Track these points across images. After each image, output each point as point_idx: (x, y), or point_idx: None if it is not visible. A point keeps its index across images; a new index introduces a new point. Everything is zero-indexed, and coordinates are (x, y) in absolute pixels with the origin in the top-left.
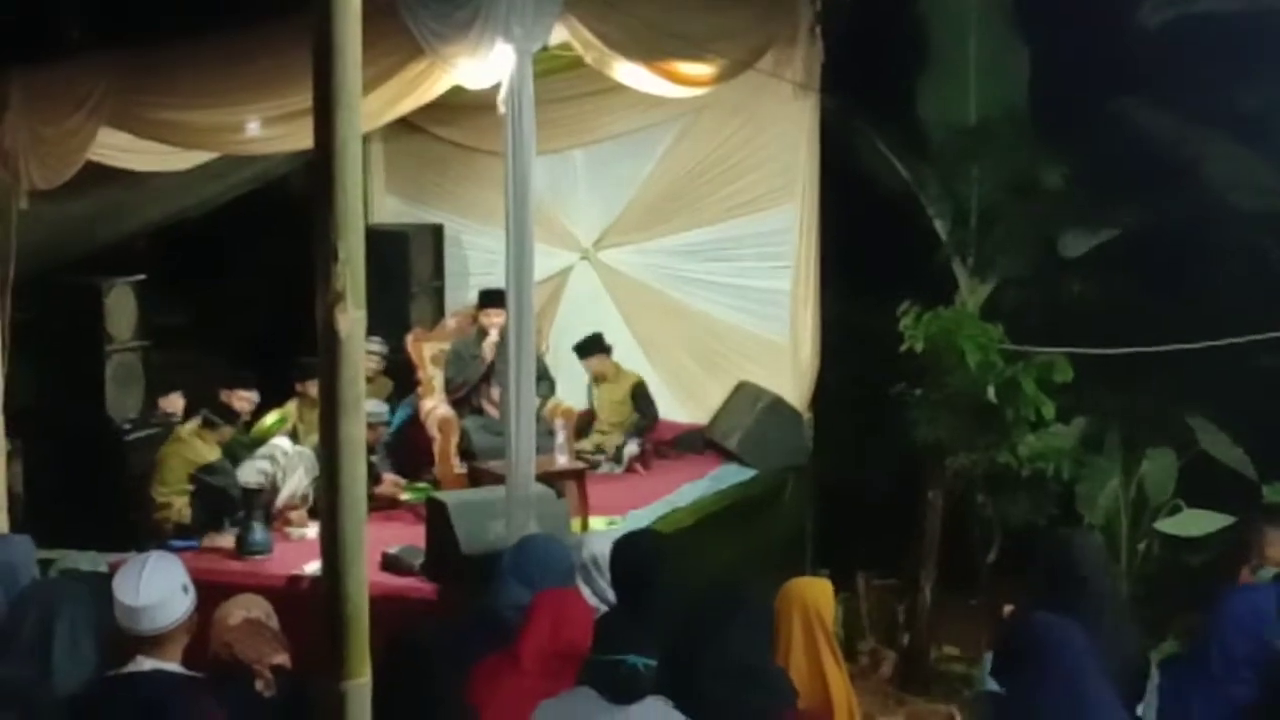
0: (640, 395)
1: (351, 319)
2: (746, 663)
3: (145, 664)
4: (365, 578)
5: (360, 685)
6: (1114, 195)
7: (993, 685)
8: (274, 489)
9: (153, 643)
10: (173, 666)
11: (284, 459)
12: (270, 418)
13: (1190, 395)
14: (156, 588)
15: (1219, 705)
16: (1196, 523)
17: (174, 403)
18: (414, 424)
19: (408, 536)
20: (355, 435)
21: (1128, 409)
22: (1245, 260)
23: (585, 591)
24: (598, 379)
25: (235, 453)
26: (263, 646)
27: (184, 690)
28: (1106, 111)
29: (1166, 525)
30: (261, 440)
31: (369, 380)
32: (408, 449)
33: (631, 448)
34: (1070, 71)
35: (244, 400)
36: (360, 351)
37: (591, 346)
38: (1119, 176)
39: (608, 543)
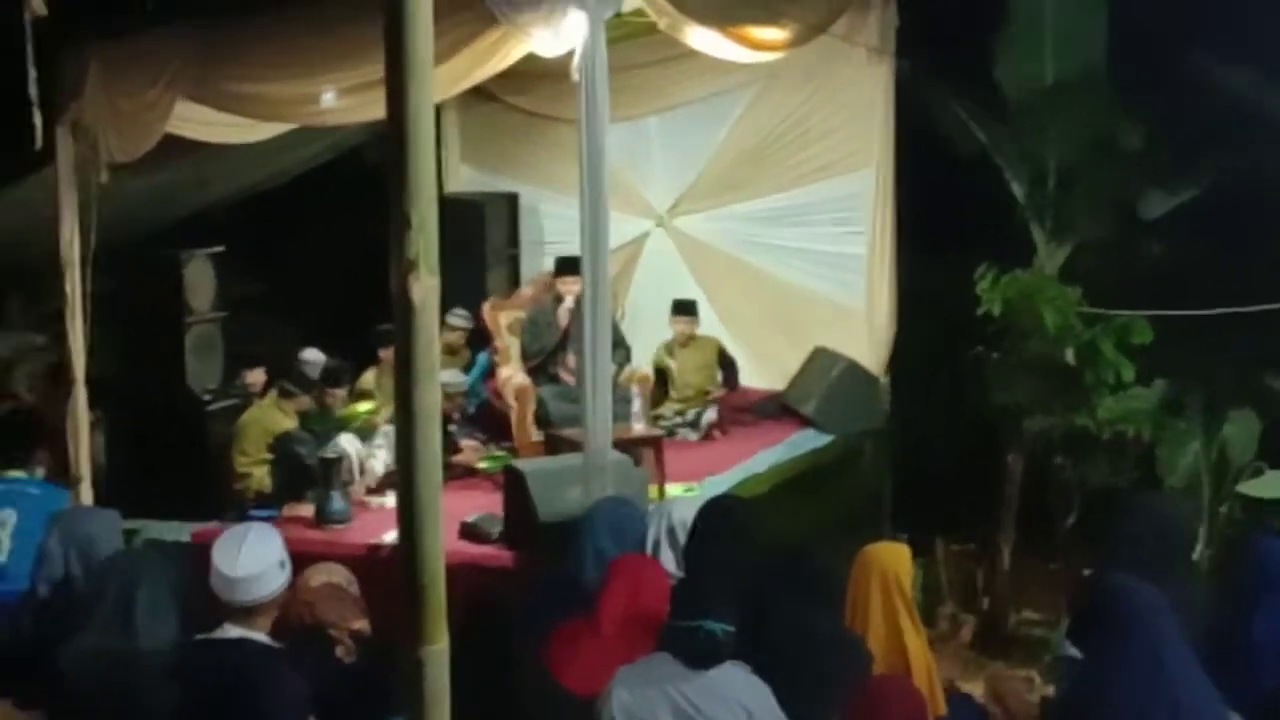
0: (725, 359)
1: (425, 286)
2: (821, 628)
3: (232, 631)
4: (441, 545)
5: (438, 651)
6: (1193, 155)
7: (1071, 649)
8: (358, 471)
9: (245, 612)
10: (260, 636)
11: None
12: (363, 406)
13: (1272, 356)
14: (255, 560)
15: None
16: (1279, 485)
17: (256, 376)
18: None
19: (486, 505)
20: (430, 403)
21: (1208, 371)
22: None
23: (666, 557)
24: (681, 343)
25: (314, 424)
26: (343, 610)
27: (270, 660)
28: (1186, 69)
29: (1249, 488)
30: (350, 419)
31: (453, 352)
32: (485, 417)
33: (710, 414)
34: (1149, 28)
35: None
36: (434, 319)
37: (689, 307)
38: (1199, 136)
39: (687, 509)
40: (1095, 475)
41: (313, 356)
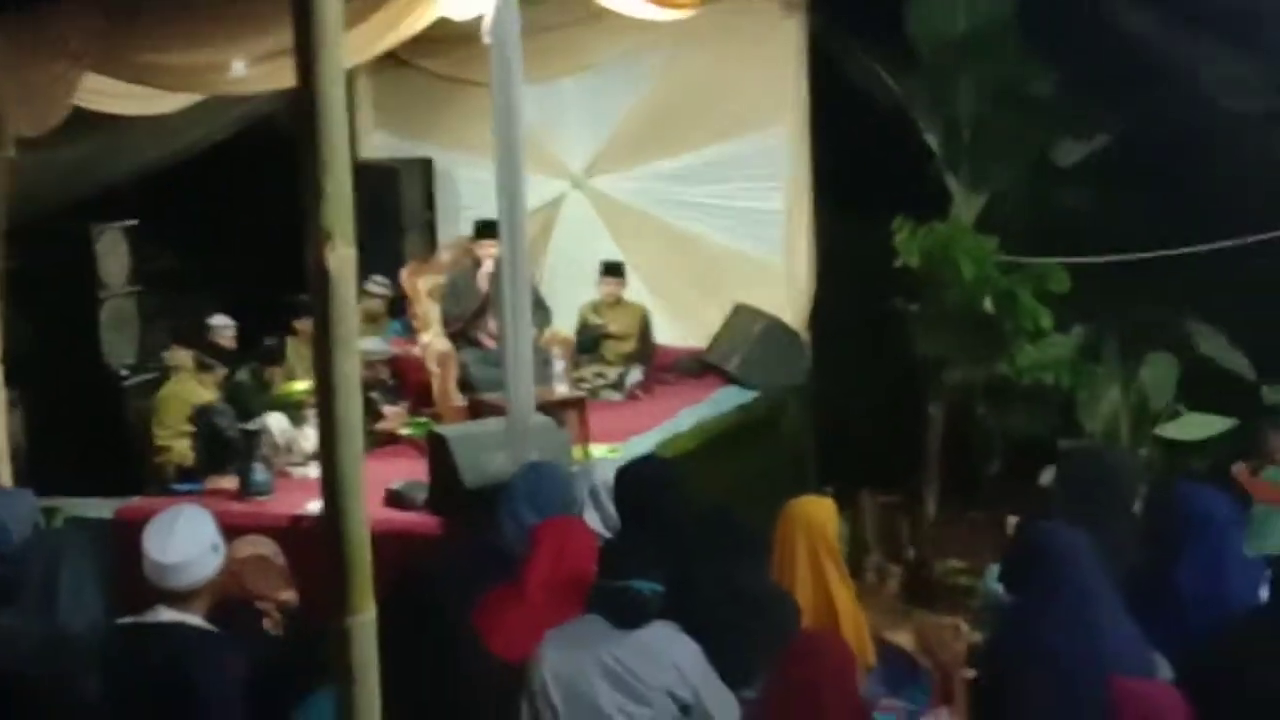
0: (646, 326)
1: (341, 256)
2: (748, 585)
3: (165, 614)
4: (366, 514)
5: (364, 621)
6: (1106, 102)
7: (999, 594)
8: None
9: (179, 597)
10: (195, 620)
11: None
12: (299, 384)
13: (1188, 300)
14: (187, 545)
15: None
16: (1197, 426)
17: (182, 358)
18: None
19: (411, 471)
20: (349, 372)
21: (1125, 316)
22: (1240, 162)
23: (592, 519)
24: (609, 304)
25: (238, 396)
26: (271, 581)
27: (208, 644)
28: (1096, 16)
29: (1168, 430)
30: (284, 399)
31: (373, 319)
32: (407, 383)
33: (635, 375)
34: None
35: (227, 339)
36: (351, 288)
37: (617, 269)
38: (1110, 82)
39: (612, 470)
40: (1016, 423)
41: (222, 321)
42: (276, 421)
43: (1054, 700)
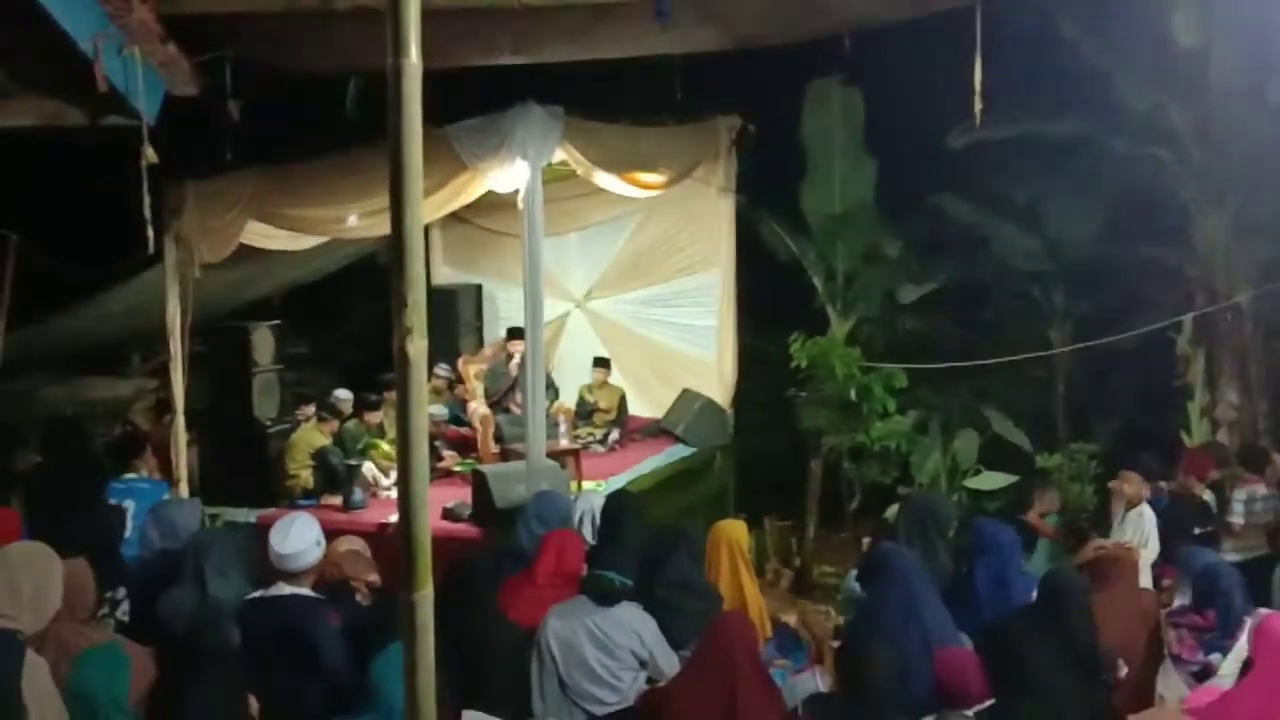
0: (623, 402)
1: (418, 347)
2: (688, 579)
3: (285, 589)
4: (428, 522)
5: (425, 595)
6: (934, 260)
7: (856, 589)
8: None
9: (292, 575)
10: (305, 591)
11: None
12: (386, 445)
13: (987, 394)
14: (300, 540)
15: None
16: (992, 480)
17: (306, 411)
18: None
19: (460, 496)
20: (421, 425)
21: (945, 404)
22: (1020, 304)
23: (586, 531)
24: (598, 385)
25: (345, 441)
26: (361, 568)
27: (316, 606)
28: (928, 204)
29: (972, 482)
30: (376, 451)
31: (438, 393)
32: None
33: (614, 435)
34: (903, 176)
35: (345, 405)
36: (424, 369)
37: (605, 362)
38: (937, 247)
39: (597, 499)
40: (869, 474)
41: (342, 394)
42: (369, 468)
43: (890, 663)
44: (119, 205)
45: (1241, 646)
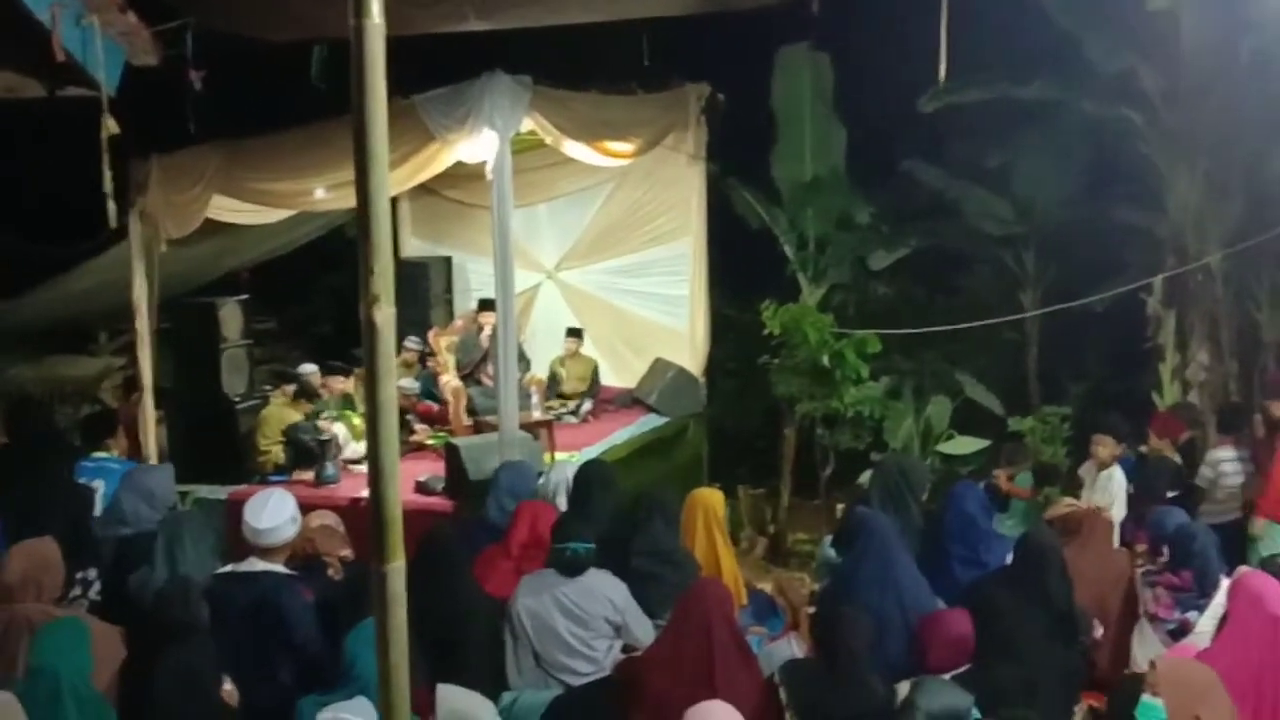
0: (595, 373)
1: (385, 314)
2: (664, 547)
3: (258, 565)
4: (399, 496)
5: (396, 568)
6: (905, 226)
7: (831, 556)
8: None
9: (267, 551)
10: (278, 567)
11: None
12: (356, 418)
13: (959, 359)
14: (275, 515)
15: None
16: (965, 445)
17: (286, 390)
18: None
19: (433, 469)
20: (390, 395)
21: (918, 370)
22: (991, 268)
23: (560, 502)
24: (570, 356)
25: (315, 417)
26: (334, 542)
27: (289, 583)
28: (899, 170)
29: (944, 447)
30: (343, 418)
31: (409, 366)
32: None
33: (587, 405)
34: (874, 142)
35: (340, 383)
36: (391, 336)
37: (577, 332)
38: (908, 213)
39: (570, 469)
40: (843, 441)
41: (309, 368)
42: (340, 429)
43: (864, 627)
44: (83, 181)
45: (1218, 604)
